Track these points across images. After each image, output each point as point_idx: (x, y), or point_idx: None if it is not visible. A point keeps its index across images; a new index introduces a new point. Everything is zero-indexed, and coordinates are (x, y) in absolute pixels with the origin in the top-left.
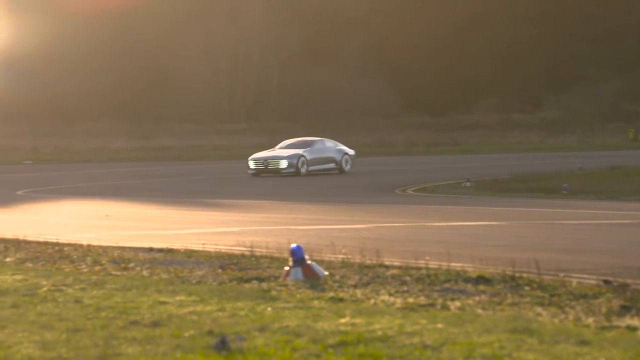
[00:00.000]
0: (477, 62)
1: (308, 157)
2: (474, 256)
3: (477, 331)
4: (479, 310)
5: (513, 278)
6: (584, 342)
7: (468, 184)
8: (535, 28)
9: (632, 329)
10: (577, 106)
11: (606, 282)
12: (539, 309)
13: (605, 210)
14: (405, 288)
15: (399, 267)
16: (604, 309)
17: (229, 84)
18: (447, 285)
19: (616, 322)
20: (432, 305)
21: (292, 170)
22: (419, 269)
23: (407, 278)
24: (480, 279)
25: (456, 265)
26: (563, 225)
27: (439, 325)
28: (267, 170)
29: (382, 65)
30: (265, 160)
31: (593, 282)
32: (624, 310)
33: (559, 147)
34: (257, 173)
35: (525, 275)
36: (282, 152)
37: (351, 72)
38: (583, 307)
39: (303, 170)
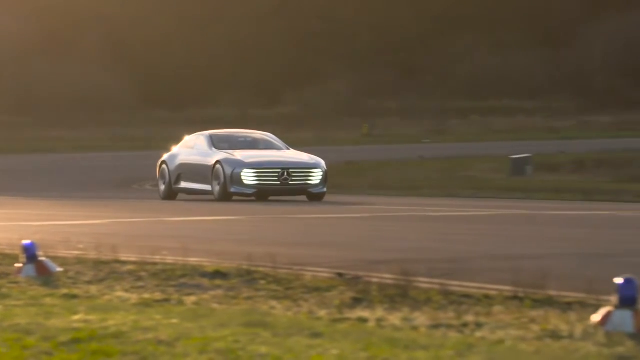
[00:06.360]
0: (215, 57)
1: None
2: (211, 251)
3: (212, 325)
4: (215, 305)
5: (249, 272)
6: (316, 334)
7: None
8: (273, 23)
9: (362, 320)
10: (314, 102)
11: (339, 275)
12: (273, 303)
13: (338, 205)
14: (141, 284)
15: (135, 263)
16: (336, 302)
17: None
18: (183, 280)
19: (348, 314)
20: (167, 300)
21: (324, 189)
22: (155, 264)
23: (144, 274)
24: (217, 274)
25: (193, 260)
26: (299, 219)
27: (174, 321)
28: (288, 189)
29: (121, 60)
30: (285, 168)
31: (327, 275)
32: (356, 302)
33: (296, 142)
34: (262, 194)
35: (261, 269)
36: (298, 155)
37: (87, 66)
38: (317, 299)
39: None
